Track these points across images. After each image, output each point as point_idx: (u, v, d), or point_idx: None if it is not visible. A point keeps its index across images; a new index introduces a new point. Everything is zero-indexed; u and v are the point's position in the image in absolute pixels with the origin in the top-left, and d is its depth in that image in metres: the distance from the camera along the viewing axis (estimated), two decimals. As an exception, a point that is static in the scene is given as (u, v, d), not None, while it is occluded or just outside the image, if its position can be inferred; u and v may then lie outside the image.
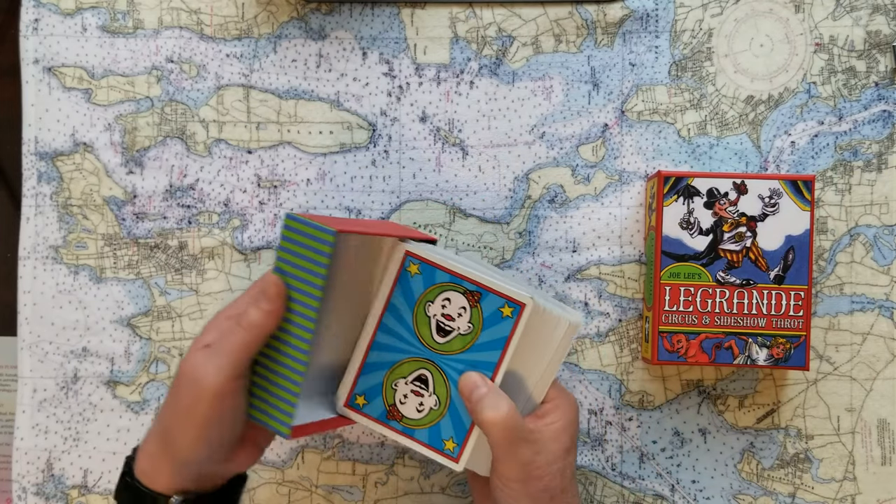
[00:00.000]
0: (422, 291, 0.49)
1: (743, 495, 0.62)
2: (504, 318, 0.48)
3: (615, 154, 0.63)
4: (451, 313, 0.49)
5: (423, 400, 0.51)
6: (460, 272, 0.48)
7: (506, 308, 0.48)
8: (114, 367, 0.63)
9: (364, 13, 0.63)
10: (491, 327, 0.49)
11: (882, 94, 0.62)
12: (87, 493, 0.62)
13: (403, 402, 0.51)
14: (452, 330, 0.49)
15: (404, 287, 0.49)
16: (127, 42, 0.63)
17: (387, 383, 0.51)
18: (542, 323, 0.49)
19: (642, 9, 0.63)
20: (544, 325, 0.49)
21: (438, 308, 0.49)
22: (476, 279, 0.48)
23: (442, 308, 0.49)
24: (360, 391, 0.52)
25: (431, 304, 0.49)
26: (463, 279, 0.48)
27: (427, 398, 0.51)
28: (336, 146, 0.63)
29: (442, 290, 0.49)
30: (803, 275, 0.57)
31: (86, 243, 0.63)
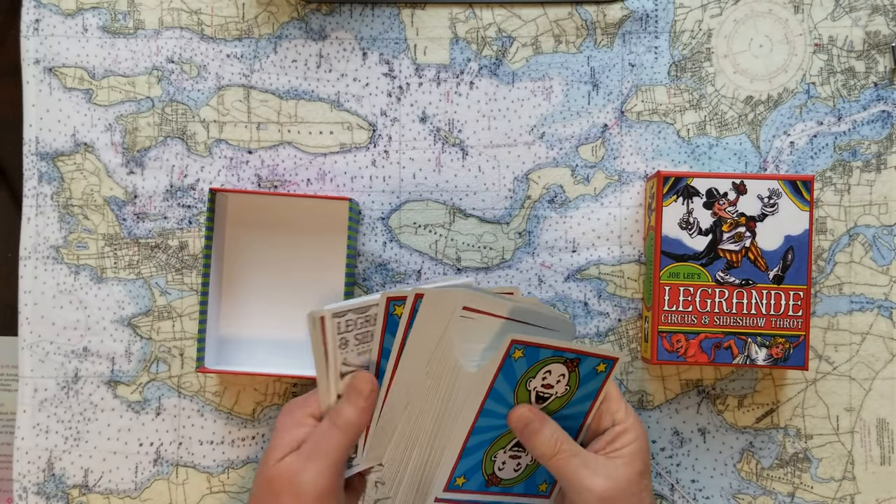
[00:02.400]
0: (524, 370, 0.47)
1: (742, 495, 0.62)
2: (598, 373, 0.48)
3: (615, 154, 0.63)
4: (551, 382, 0.48)
5: (521, 460, 0.51)
6: (561, 346, 0.47)
7: (601, 365, 0.48)
8: (114, 366, 0.63)
9: (364, 14, 0.63)
10: (586, 383, 0.49)
11: (881, 95, 0.62)
12: (88, 493, 0.62)
13: (502, 468, 0.51)
14: (550, 396, 0.49)
15: (507, 371, 0.47)
16: (127, 42, 0.63)
17: (486, 458, 0.51)
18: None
19: (642, 9, 0.63)
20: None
21: (539, 381, 0.48)
22: (575, 348, 0.47)
23: (543, 380, 0.48)
24: (460, 473, 0.51)
25: (532, 380, 0.48)
26: (564, 350, 0.47)
27: (524, 458, 0.51)
28: (336, 146, 0.63)
29: (544, 365, 0.47)
30: (802, 275, 0.57)
31: (86, 243, 0.63)
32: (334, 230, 0.62)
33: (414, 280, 0.63)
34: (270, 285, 0.62)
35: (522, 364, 0.46)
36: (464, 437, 0.49)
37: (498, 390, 0.47)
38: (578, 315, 0.62)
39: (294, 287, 0.62)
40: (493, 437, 0.50)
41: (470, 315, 0.47)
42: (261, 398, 0.62)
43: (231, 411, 0.62)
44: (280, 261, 0.62)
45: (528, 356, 0.46)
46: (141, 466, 0.62)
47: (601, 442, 0.49)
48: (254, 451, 0.63)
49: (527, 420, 0.48)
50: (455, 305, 0.46)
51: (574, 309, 0.63)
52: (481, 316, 0.47)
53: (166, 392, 0.63)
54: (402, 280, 0.63)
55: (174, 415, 0.62)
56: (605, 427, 0.50)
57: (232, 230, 0.62)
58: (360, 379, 0.48)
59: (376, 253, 0.63)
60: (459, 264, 0.63)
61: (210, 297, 0.60)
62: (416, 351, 0.47)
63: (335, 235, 0.62)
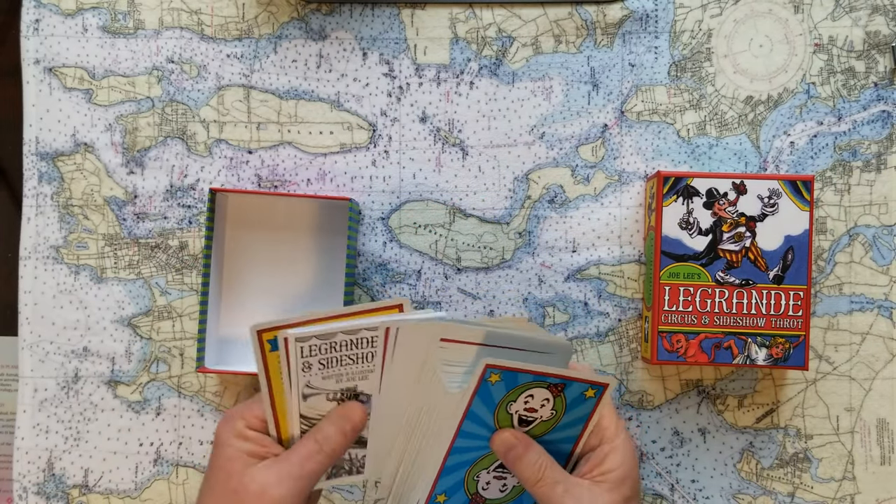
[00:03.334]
0: (503, 395, 0.47)
1: (742, 495, 0.62)
2: (587, 398, 0.47)
3: (615, 154, 0.63)
4: (535, 406, 0.47)
5: (506, 481, 0.51)
6: (543, 371, 0.46)
7: (589, 391, 0.47)
8: (114, 366, 0.63)
9: (364, 14, 0.63)
10: (573, 409, 0.48)
11: (881, 95, 0.62)
12: (88, 493, 0.62)
13: (486, 488, 0.51)
14: (535, 420, 0.48)
15: (484, 395, 0.46)
16: (127, 42, 0.63)
17: (468, 477, 0.50)
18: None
19: (642, 9, 0.63)
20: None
21: (521, 405, 0.47)
22: (558, 373, 0.46)
23: (525, 404, 0.47)
24: (441, 490, 0.50)
25: (513, 403, 0.47)
26: (546, 376, 0.46)
27: (510, 479, 0.51)
28: (336, 146, 0.63)
29: (525, 389, 0.47)
30: (802, 275, 0.57)
31: (86, 243, 0.63)
32: (334, 230, 0.62)
33: (414, 280, 0.63)
34: (270, 285, 0.62)
35: (501, 388, 0.46)
36: (442, 456, 0.49)
37: (476, 413, 0.47)
38: (578, 315, 0.62)
39: (294, 287, 0.62)
40: (474, 458, 0.49)
41: (447, 346, 0.47)
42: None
43: (231, 411, 0.62)
44: (280, 261, 0.62)
45: (505, 380, 0.46)
46: (141, 466, 0.62)
47: (588, 464, 0.48)
48: (254, 451, 0.63)
49: (510, 444, 0.47)
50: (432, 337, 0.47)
51: (574, 309, 0.63)
52: (458, 345, 0.47)
53: (166, 392, 0.63)
54: (402, 280, 0.63)
55: (174, 415, 0.62)
56: (593, 445, 0.49)
57: (232, 230, 0.62)
58: (352, 408, 0.48)
59: (376, 253, 0.63)
60: (459, 264, 0.63)
61: (210, 297, 0.60)
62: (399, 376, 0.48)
63: (335, 235, 0.62)
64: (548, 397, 0.47)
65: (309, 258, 0.62)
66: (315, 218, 0.62)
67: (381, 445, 0.50)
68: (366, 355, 0.47)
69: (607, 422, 0.49)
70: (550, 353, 0.48)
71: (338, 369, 0.47)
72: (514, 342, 0.47)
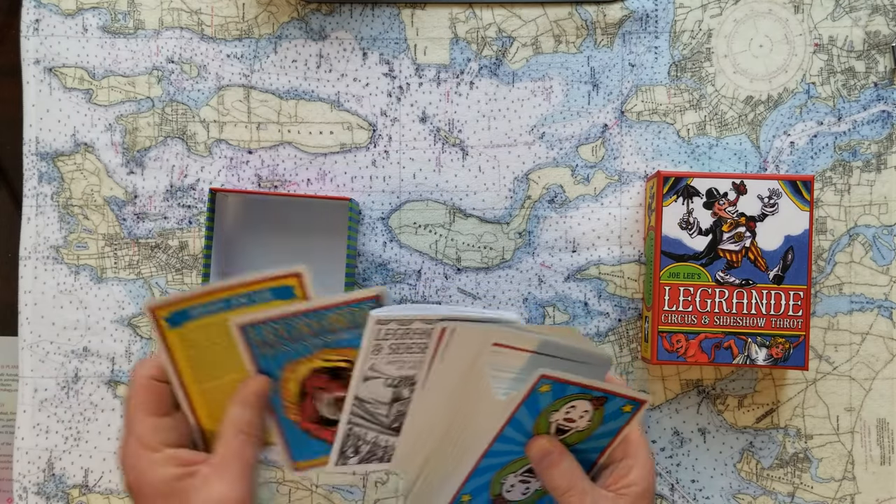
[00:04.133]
0: (548, 404, 0.47)
1: (742, 495, 0.62)
2: (623, 413, 0.48)
3: (615, 154, 0.63)
4: (574, 416, 0.48)
5: (530, 485, 0.51)
6: (590, 384, 0.46)
7: (627, 406, 0.47)
8: (114, 366, 0.63)
9: (364, 14, 0.63)
10: (609, 422, 0.48)
11: (881, 95, 0.62)
12: (88, 493, 0.62)
13: (510, 491, 0.51)
14: (571, 429, 0.48)
15: (530, 403, 0.46)
16: (128, 42, 0.63)
17: (495, 479, 0.50)
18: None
19: (642, 9, 0.63)
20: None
21: (562, 415, 0.47)
22: (603, 387, 0.47)
23: (566, 414, 0.47)
24: (467, 491, 0.50)
25: (555, 413, 0.47)
26: (592, 389, 0.46)
27: (533, 483, 0.51)
28: (336, 146, 0.63)
29: (569, 401, 0.47)
30: (802, 275, 0.57)
31: (86, 243, 0.63)
32: (334, 230, 0.62)
33: (414, 280, 0.63)
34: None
35: (548, 397, 0.46)
36: (477, 458, 0.49)
37: (519, 419, 0.47)
38: (578, 315, 0.62)
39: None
40: (505, 462, 0.50)
41: (500, 350, 0.47)
42: (261, 398, 0.62)
43: (231, 411, 0.62)
44: (280, 261, 0.62)
45: (554, 391, 0.46)
46: (141, 466, 0.62)
47: (613, 476, 0.49)
48: (254, 451, 0.63)
49: (547, 451, 0.48)
50: (486, 341, 0.47)
51: (574, 309, 0.63)
52: (511, 350, 0.47)
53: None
54: (402, 280, 0.63)
55: (174, 415, 0.62)
56: (616, 458, 0.50)
57: (232, 230, 0.62)
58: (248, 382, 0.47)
59: (376, 253, 0.63)
60: (459, 264, 0.63)
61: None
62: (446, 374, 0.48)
63: (335, 235, 0.62)
64: (588, 409, 0.47)
65: (309, 258, 0.62)
66: (315, 218, 0.62)
67: (413, 439, 0.50)
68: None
69: (633, 437, 0.50)
70: (591, 365, 0.48)
71: (403, 356, 0.47)
72: (563, 352, 0.48)
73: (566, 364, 0.48)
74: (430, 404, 0.49)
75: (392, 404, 0.49)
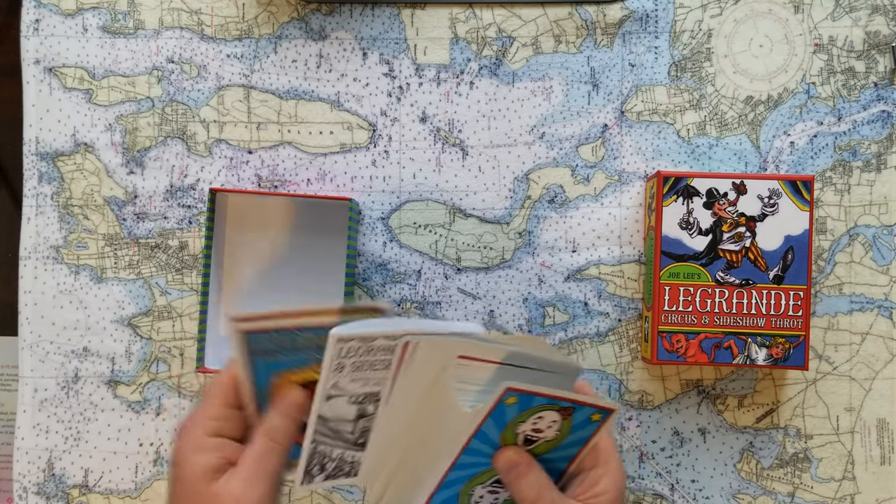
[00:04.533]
0: (515, 415, 0.47)
1: (742, 495, 0.62)
2: (592, 421, 0.47)
3: (615, 154, 0.63)
4: (542, 427, 0.47)
5: (499, 495, 0.51)
6: (557, 395, 0.46)
7: (596, 414, 0.47)
8: (114, 366, 0.63)
9: (364, 14, 0.63)
10: (577, 431, 0.48)
11: (881, 95, 0.62)
12: (88, 493, 0.62)
13: (479, 502, 0.51)
14: (539, 439, 0.48)
15: (497, 415, 0.46)
16: (128, 42, 0.63)
17: (464, 491, 0.50)
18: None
19: (642, 9, 0.63)
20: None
21: (529, 426, 0.47)
22: (571, 398, 0.46)
23: (533, 425, 0.47)
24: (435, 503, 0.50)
25: (523, 424, 0.47)
26: (559, 399, 0.46)
27: (502, 493, 0.51)
28: (336, 146, 0.63)
29: (537, 412, 0.47)
30: (802, 275, 0.57)
31: (86, 243, 0.63)
32: (334, 230, 0.62)
33: (414, 280, 0.63)
34: (270, 285, 0.62)
35: (514, 409, 0.46)
36: (444, 471, 0.49)
37: (485, 432, 0.47)
38: (578, 315, 0.62)
39: (294, 287, 0.62)
40: (473, 473, 0.50)
41: (465, 363, 0.47)
42: (261, 398, 0.63)
43: (231, 411, 0.62)
44: (280, 261, 0.62)
45: (521, 402, 0.46)
46: (141, 466, 0.62)
47: (582, 486, 0.48)
48: (254, 451, 0.63)
49: (514, 463, 0.48)
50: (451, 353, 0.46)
51: (574, 309, 0.63)
52: (477, 363, 0.47)
53: (166, 392, 0.63)
54: (402, 280, 0.63)
55: (174, 415, 0.62)
56: (586, 466, 0.49)
57: (232, 230, 0.62)
58: (290, 393, 0.48)
59: (376, 253, 0.63)
60: (459, 264, 0.63)
61: (210, 296, 0.60)
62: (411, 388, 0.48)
63: (335, 235, 0.62)
64: (556, 419, 0.47)
65: (309, 258, 0.62)
66: (315, 218, 0.62)
67: (379, 453, 0.50)
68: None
69: (603, 445, 0.49)
70: (560, 374, 0.48)
71: (367, 373, 0.47)
72: (530, 362, 0.47)
73: (534, 374, 0.47)
74: (394, 418, 0.48)
75: (357, 421, 0.48)
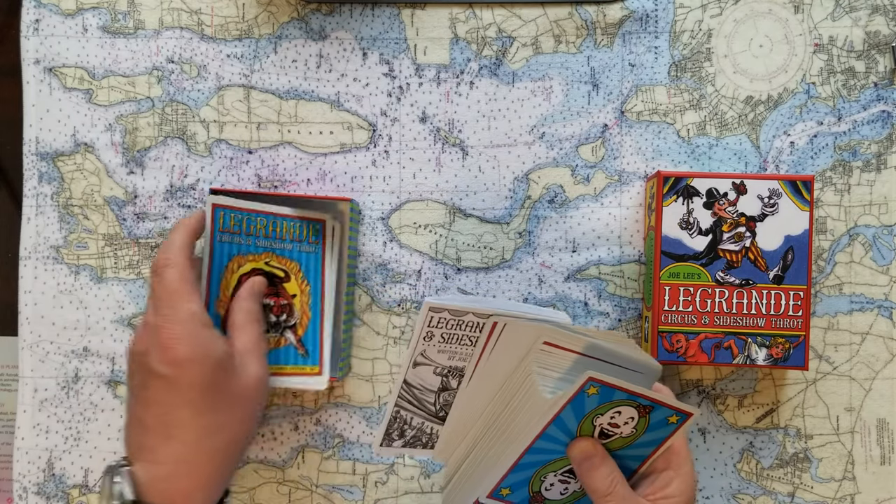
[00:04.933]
0: (594, 407, 0.47)
1: (742, 495, 0.62)
2: (669, 423, 0.48)
3: (615, 154, 0.63)
4: (619, 422, 0.48)
5: (569, 486, 0.51)
6: (637, 391, 0.47)
7: (673, 417, 0.47)
8: (115, 366, 0.63)
9: (364, 14, 0.63)
10: (653, 431, 0.48)
11: (881, 95, 0.62)
12: (88, 493, 0.62)
13: (549, 489, 0.51)
14: (615, 434, 0.48)
15: (576, 404, 0.47)
16: (128, 42, 0.63)
17: (535, 476, 0.51)
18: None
19: (642, 9, 0.63)
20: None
21: (607, 419, 0.48)
22: (651, 396, 0.47)
23: (611, 419, 0.48)
24: (507, 485, 0.51)
25: (601, 416, 0.48)
26: (639, 396, 0.46)
27: (573, 484, 0.51)
28: (336, 146, 0.63)
29: (615, 405, 0.47)
30: (802, 275, 0.57)
31: (86, 243, 0.63)
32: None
33: (414, 280, 0.63)
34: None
35: (594, 400, 0.47)
36: (519, 453, 0.49)
37: (563, 419, 0.47)
38: (578, 315, 0.63)
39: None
40: (547, 460, 0.50)
41: (549, 349, 0.48)
42: (261, 398, 0.63)
43: (231, 411, 0.62)
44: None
45: (602, 394, 0.46)
46: (141, 466, 0.62)
47: (653, 486, 0.48)
48: (253, 451, 0.63)
49: (589, 454, 0.48)
50: (537, 338, 0.47)
51: (574, 309, 0.63)
52: (560, 350, 0.48)
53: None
54: (402, 280, 0.63)
55: (174, 415, 0.62)
56: (658, 468, 0.49)
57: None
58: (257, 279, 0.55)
59: (376, 253, 0.63)
60: (459, 264, 0.63)
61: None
62: (494, 368, 0.48)
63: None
64: (634, 416, 0.47)
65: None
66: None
67: (457, 429, 0.51)
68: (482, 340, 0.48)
69: (677, 448, 0.49)
70: (640, 373, 0.48)
71: (454, 347, 0.48)
72: (611, 357, 0.48)
73: (614, 369, 0.48)
74: (476, 396, 0.50)
75: (439, 393, 0.50)
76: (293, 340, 0.58)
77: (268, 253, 0.57)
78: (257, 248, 0.56)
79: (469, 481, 0.53)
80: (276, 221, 0.57)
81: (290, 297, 0.58)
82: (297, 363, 0.58)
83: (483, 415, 0.50)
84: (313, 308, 0.58)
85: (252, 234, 0.56)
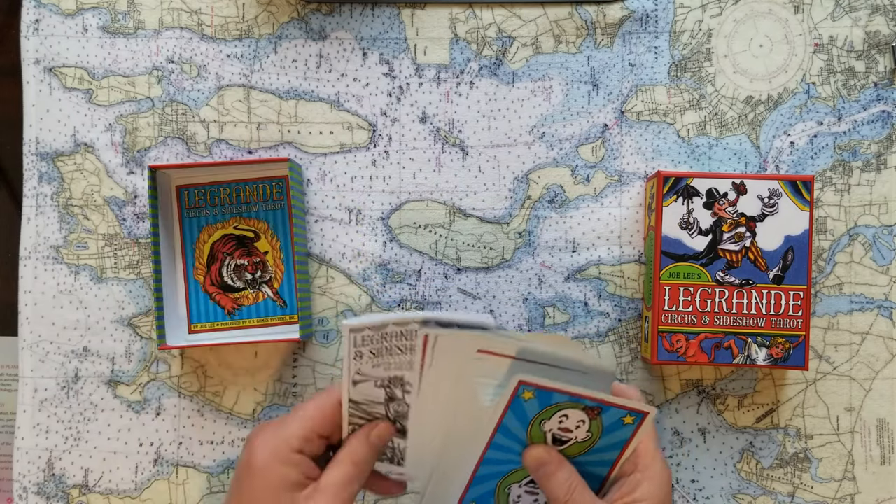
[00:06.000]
0: (536, 412, 0.46)
1: (742, 495, 0.62)
2: (625, 424, 0.47)
3: (615, 154, 0.63)
4: (569, 426, 0.47)
5: (538, 497, 0.51)
6: (578, 392, 0.46)
7: (628, 417, 0.46)
8: (114, 366, 0.63)
9: (364, 14, 0.63)
10: (610, 433, 0.47)
11: (881, 95, 0.62)
12: (88, 493, 0.62)
13: (517, 501, 0.51)
14: (569, 440, 0.48)
15: (517, 411, 0.46)
16: (128, 42, 0.63)
17: (500, 488, 0.50)
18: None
19: (642, 9, 0.63)
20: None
21: (555, 423, 0.47)
22: (594, 396, 0.46)
23: (559, 423, 0.47)
24: (472, 498, 0.50)
25: (547, 422, 0.47)
26: (581, 398, 0.45)
27: (541, 496, 0.51)
28: (336, 146, 0.63)
29: (559, 409, 0.46)
30: (802, 275, 0.57)
31: (86, 243, 0.63)
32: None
33: (414, 280, 0.63)
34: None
35: (534, 405, 0.46)
36: (473, 465, 0.49)
37: (508, 427, 0.47)
38: (578, 315, 0.63)
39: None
40: (506, 471, 0.49)
41: (484, 357, 0.47)
42: (261, 398, 0.63)
43: (231, 411, 0.62)
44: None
45: (539, 398, 0.45)
46: (141, 466, 0.62)
47: (619, 491, 0.47)
48: (254, 451, 0.63)
49: (543, 461, 0.47)
50: (470, 347, 0.47)
51: (574, 309, 0.63)
52: (495, 357, 0.47)
53: (166, 392, 0.63)
54: (402, 280, 0.63)
55: (174, 415, 0.62)
56: (626, 472, 0.48)
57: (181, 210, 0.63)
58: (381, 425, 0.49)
59: (376, 253, 0.63)
60: (459, 264, 0.63)
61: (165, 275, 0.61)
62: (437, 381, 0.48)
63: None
64: (583, 419, 0.47)
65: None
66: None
67: (419, 442, 0.50)
68: (413, 347, 0.47)
69: (643, 449, 0.48)
70: (590, 375, 0.47)
71: (387, 359, 0.48)
72: (550, 359, 0.47)
73: (555, 372, 0.47)
74: (427, 410, 0.49)
75: (388, 403, 0.49)
76: (270, 294, 0.61)
77: (235, 218, 0.61)
78: (224, 216, 0.61)
79: (440, 495, 0.52)
80: (238, 188, 0.61)
81: (262, 255, 0.61)
82: (277, 314, 0.61)
83: (440, 428, 0.50)
84: (286, 261, 0.61)
85: (218, 205, 0.61)
